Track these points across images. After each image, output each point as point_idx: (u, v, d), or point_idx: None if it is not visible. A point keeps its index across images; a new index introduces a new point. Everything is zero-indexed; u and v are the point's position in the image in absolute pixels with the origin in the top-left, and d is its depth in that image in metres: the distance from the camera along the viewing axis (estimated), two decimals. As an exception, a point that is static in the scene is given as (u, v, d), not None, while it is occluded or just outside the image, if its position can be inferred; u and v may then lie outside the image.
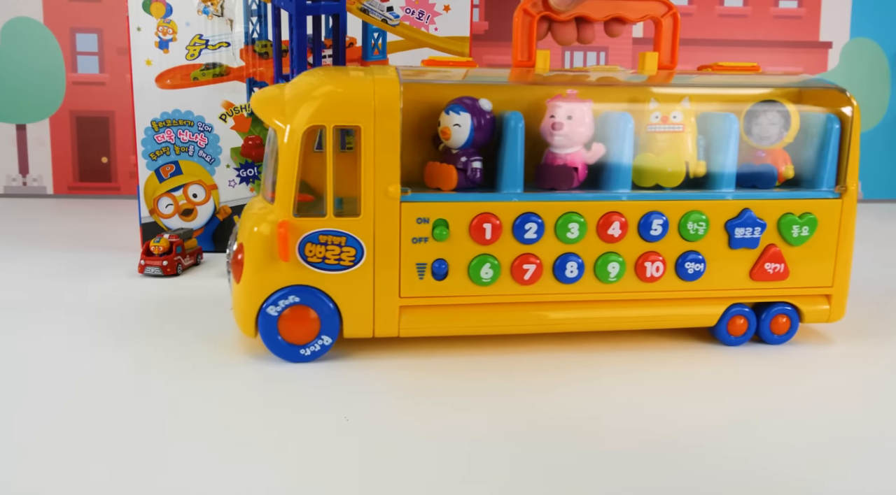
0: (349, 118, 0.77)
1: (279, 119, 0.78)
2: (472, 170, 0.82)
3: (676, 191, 0.84)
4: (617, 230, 0.83)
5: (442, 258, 0.81)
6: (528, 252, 0.82)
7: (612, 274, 0.84)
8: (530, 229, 0.81)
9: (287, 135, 0.77)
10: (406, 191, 0.79)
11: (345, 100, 0.78)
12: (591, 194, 0.83)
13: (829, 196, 0.86)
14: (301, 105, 0.78)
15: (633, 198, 0.83)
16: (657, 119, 0.84)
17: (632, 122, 0.82)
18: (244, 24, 1.24)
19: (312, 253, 0.78)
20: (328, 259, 0.79)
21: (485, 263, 0.82)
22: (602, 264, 0.84)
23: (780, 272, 0.86)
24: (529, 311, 0.84)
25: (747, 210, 0.84)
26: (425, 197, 0.80)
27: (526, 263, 0.82)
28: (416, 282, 0.81)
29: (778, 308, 0.88)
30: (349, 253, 0.79)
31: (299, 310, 0.80)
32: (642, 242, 0.84)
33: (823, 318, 0.89)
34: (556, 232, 0.82)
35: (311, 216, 0.78)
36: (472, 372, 0.80)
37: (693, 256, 0.85)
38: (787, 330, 0.88)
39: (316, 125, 0.77)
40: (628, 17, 0.89)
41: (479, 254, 0.82)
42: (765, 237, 0.85)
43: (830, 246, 0.87)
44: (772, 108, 0.86)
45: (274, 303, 0.79)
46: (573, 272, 0.83)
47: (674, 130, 0.83)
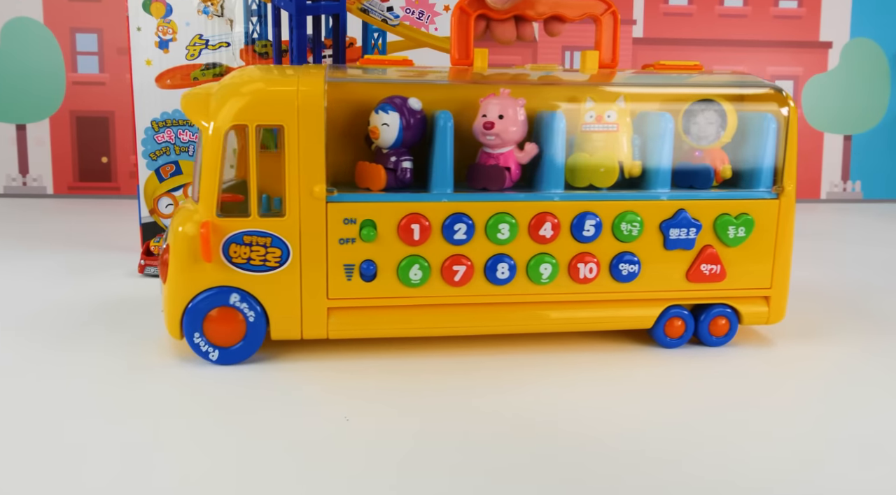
0: (272, 117, 0.77)
1: (203, 118, 0.78)
2: (401, 170, 0.81)
3: (610, 192, 0.83)
4: (549, 231, 0.82)
5: (370, 259, 0.81)
6: (459, 253, 0.82)
7: (545, 275, 0.83)
8: (460, 230, 0.81)
9: (210, 135, 0.77)
10: (332, 191, 0.79)
11: (268, 99, 0.77)
12: (522, 194, 0.82)
13: (766, 196, 0.85)
14: (224, 104, 0.77)
15: (565, 199, 0.82)
16: (591, 118, 0.83)
17: (564, 122, 0.81)
18: (244, 24, 1.24)
19: (237, 253, 0.78)
20: (253, 260, 0.79)
21: (414, 264, 0.81)
22: (534, 265, 0.83)
23: (716, 273, 0.85)
24: (460, 313, 0.83)
25: (682, 210, 0.83)
26: (352, 197, 0.80)
27: (456, 264, 0.82)
28: (344, 283, 0.81)
29: (716, 310, 0.86)
30: (274, 254, 0.79)
31: (224, 311, 0.79)
32: (575, 243, 0.83)
33: (762, 320, 0.88)
34: (486, 233, 0.81)
35: (235, 216, 0.78)
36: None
37: (628, 257, 0.84)
38: (726, 332, 0.87)
39: (239, 124, 0.77)
40: (567, 15, 0.88)
41: (408, 255, 0.81)
42: (701, 238, 0.84)
43: (768, 247, 0.86)
44: (709, 108, 0.85)
45: (198, 305, 0.79)
46: (505, 273, 0.82)
47: (608, 130, 0.82)
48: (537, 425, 0.69)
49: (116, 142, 1.93)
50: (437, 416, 0.70)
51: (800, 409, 0.74)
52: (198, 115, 0.79)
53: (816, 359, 0.86)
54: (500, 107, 0.82)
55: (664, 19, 2.00)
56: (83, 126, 1.92)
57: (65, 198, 1.93)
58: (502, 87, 0.83)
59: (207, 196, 0.78)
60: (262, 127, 0.77)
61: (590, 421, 0.70)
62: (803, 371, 0.83)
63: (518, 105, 0.82)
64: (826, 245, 1.48)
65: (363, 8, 1.24)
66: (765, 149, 0.85)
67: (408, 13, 1.28)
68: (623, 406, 0.73)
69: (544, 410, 0.72)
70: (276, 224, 0.78)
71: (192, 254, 0.78)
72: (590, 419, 0.70)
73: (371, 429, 0.68)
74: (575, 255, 0.83)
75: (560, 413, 0.71)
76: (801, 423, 0.70)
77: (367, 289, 0.81)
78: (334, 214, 0.79)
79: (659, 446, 0.65)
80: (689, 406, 0.74)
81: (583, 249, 0.83)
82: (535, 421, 0.70)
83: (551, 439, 0.66)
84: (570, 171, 0.84)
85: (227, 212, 0.79)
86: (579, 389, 0.77)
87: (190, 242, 0.78)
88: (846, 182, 2.06)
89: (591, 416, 0.71)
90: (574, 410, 0.72)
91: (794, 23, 2.02)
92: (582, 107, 0.85)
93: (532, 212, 0.82)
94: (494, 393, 0.76)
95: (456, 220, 0.81)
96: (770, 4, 2.00)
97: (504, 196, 0.81)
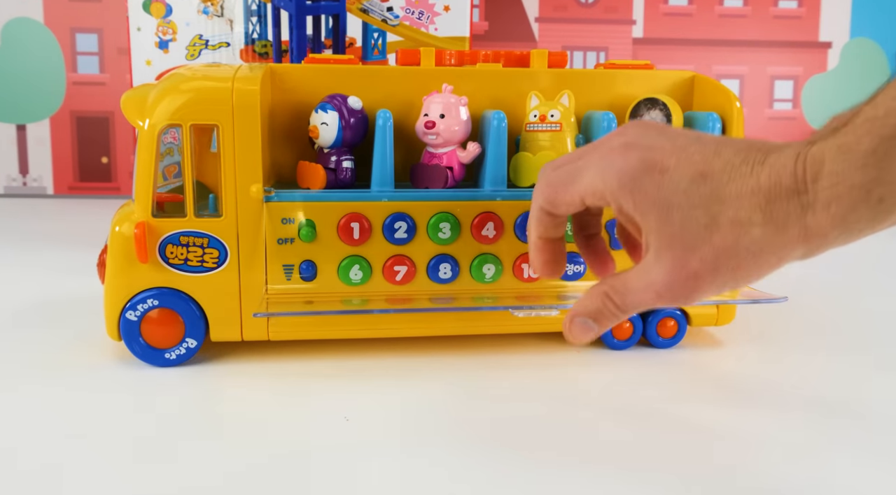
0: (206, 116, 0.77)
1: (139, 117, 0.78)
2: (342, 169, 0.81)
3: (554, 192, 0.82)
4: (492, 231, 0.81)
5: (310, 259, 0.80)
6: (400, 253, 0.81)
7: (488, 275, 0.82)
8: (400, 229, 0.80)
9: (145, 134, 0.76)
10: (269, 191, 0.78)
11: (202, 98, 0.77)
12: (463, 193, 0.81)
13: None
14: (159, 104, 0.77)
15: (507, 198, 0.81)
16: (535, 117, 0.82)
17: (506, 121, 0.80)
18: (244, 24, 1.25)
19: (174, 254, 0.78)
20: (190, 261, 0.78)
21: (354, 264, 0.80)
22: (477, 265, 0.82)
23: (663, 275, 0.84)
24: (403, 314, 0.82)
25: (626, 211, 0.82)
26: (290, 196, 0.79)
27: (398, 264, 0.81)
28: (284, 283, 0.80)
29: (664, 311, 0.85)
30: (212, 254, 0.78)
31: (162, 312, 0.79)
32: (519, 243, 0.82)
33: (711, 322, 0.87)
34: (428, 232, 0.80)
35: (171, 217, 0.77)
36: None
37: (572, 257, 0.83)
38: (674, 333, 0.86)
39: (173, 123, 0.76)
40: None
41: (348, 255, 0.80)
42: (647, 239, 0.83)
43: (716, 248, 0.84)
44: (654, 107, 0.84)
45: (135, 306, 0.78)
46: (447, 273, 0.82)
47: (551, 129, 0.81)
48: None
49: (116, 143, 1.94)
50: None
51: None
52: (134, 115, 0.78)
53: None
54: (442, 106, 0.81)
55: (664, 19, 1.99)
56: (83, 126, 1.93)
57: (65, 198, 1.94)
58: (445, 83, 0.83)
59: (143, 196, 0.77)
60: (196, 126, 0.76)
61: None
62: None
63: (461, 103, 0.81)
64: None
65: (363, 8, 1.24)
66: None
67: (408, 13, 1.28)
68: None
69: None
70: (213, 224, 0.78)
71: (128, 254, 0.78)
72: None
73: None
74: (519, 255, 0.82)
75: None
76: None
77: (307, 289, 0.80)
78: (272, 214, 0.79)
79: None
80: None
81: (526, 249, 0.82)
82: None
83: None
84: (514, 171, 0.83)
85: (171, 212, 0.78)
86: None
87: (126, 243, 0.78)
88: (846, 183, 2.04)
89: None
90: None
91: (794, 23, 2.00)
92: (526, 106, 0.84)
93: (474, 212, 0.81)
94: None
95: (396, 220, 0.80)
96: (770, 4, 1.99)
97: (444, 195, 0.81)
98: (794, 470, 0.61)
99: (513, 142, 0.85)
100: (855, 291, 1.13)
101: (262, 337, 0.81)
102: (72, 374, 0.78)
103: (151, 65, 1.26)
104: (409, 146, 0.85)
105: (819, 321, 0.98)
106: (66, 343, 0.86)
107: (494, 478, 0.59)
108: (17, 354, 0.83)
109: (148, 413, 0.70)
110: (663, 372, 0.81)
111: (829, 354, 0.86)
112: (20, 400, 0.72)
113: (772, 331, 0.93)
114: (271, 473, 0.60)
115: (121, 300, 0.79)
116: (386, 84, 0.86)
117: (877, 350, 0.88)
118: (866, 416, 0.71)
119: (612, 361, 0.83)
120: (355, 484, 0.58)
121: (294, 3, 1.04)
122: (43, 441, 0.64)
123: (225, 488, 0.58)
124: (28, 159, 1.92)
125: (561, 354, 0.85)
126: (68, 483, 0.58)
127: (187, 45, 1.25)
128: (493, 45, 1.94)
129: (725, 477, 0.60)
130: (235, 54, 1.25)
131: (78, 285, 1.10)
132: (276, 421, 0.68)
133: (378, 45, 1.30)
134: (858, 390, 0.77)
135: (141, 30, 1.24)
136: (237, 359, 0.82)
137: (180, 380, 0.77)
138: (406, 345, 0.86)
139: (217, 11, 1.25)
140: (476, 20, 1.94)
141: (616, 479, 0.59)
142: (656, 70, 0.89)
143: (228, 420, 0.69)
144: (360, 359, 0.82)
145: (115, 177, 1.94)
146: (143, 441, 0.65)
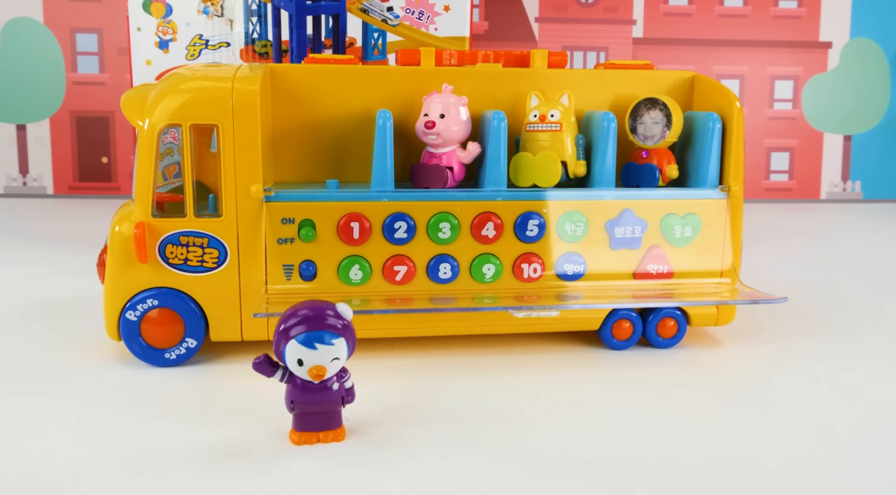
0: (206, 116, 0.77)
1: (139, 117, 0.77)
2: None
3: (554, 191, 0.82)
4: (492, 231, 0.81)
5: (310, 259, 0.80)
6: (400, 253, 0.81)
7: (488, 275, 0.82)
8: (400, 229, 0.80)
9: (144, 134, 0.76)
10: (269, 190, 0.78)
11: (202, 98, 0.77)
12: (464, 193, 0.81)
13: (713, 196, 0.84)
14: (158, 104, 0.77)
15: (508, 199, 0.81)
16: (535, 117, 0.82)
17: (506, 121, 0.80)
18: (244, 24, 1.24)
19: (174, 254, 0.78)
20: (190, 261, 0.78)
21: (354, 264, 0.80)
22: (477, 265, 0.82)
23: (663, 274, 0.84)
24: (403, 314, 0.82)
25: (627, 210, 0.82)
26: (290, 196, 0.79)
27: (398, 264, 0.81)
28: (284, 283, 0.80)
29: (665, 311, 0.85)
30: (212, 254, 0.78)
31: (162, 312, 0.79)
32: (519, 243, 0.82)
33: (711, 322, 0.86)
34: (427, 232, 0.80)
35: (171, 217, 0.77)
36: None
37: (571, 257, 0.83)
38: (674, 333, 0.85)
39: (173, 123, 0.76)
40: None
41: (348, 254, 0.80)
42: (647, 238, 0.83)
43: (717, 247, 0.84)
44: (654, 107, 0.84)
45: (135, 306, 0.78)
46: (447, 273, 0.81)
47: (551, 129, 0.81)
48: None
49: (116, 142, 1.94)
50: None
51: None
52: (134, 115, 0.78)
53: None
54: (442, 106, 0.81)
55: (664, 19, 1.98)
56: (83, 126, 1.93)
57: (65, 198, 1.94)
58: (445, 83, 0.83)
59: (142, 196, 0.77)
60: (196, 126, 0.76)
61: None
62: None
63: (461, 103, 0.81)
64: (825, 243, 1.46)
65: (363, 8, 1.24)
66: (710, 149, 0.83)
67: (408, 13, 1.28)
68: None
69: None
70: (213, 224, 0.78)
71: (128, 254, 0.78)
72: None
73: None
74: (519, 255, 0.82)
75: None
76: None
77: (308, 289, 0.80)
78: (272, 214, 0.79)
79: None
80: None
81: (527, 249, 0.82)
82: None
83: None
84: (514, 171, 0.83)
85: (171, 212, 0.78)
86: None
87: (126, 243, 0.78)
88: (846, 182, 2.04)
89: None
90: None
91: (794, 23, 2.00)
92: (527, 105, 0.84)
93: (474, 212, 0.81)
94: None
95: (396, 220, 0.80)
96: (770, 4, 1.99)
97: (444, 195, 0.81)
98: (795, 469, 0.61)
99: (513, 143, 0.85)
100: (855, 291, 1.12)
101: (262, 337, 0.81)
102: (72, 374, 0.78)
103: (151, 65, 1.26)
104: (409, 146, 0.85)
105: (819, 321, 0.98)
106: (65, 343, 0.86)
107: (494, 478, 0.59)
108: (17, 354, 0.83)
109: (148, 413, 0.70)
110: (663, 372, 0.80)
111: (830, 354, 0.86)
112: (20, 401, 0.72)
113: (771, 332, 0.93)
114: (271, 473, 0.59)
115: (121, 300, 0.79)
116: (386, 84, 0.86)
117: (877, 350, 0.87)
118: (866, 416, 0.71)
119: (612, 361, 0.83)
120: (355, 484, 0.58)
121: (294, 3, 1.04)
122: (43, 441, 0.64)
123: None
124: (28, 159, 1.92)
125: (561, 354, 0.85)
126: (68, 483, 0.58)
127: (187, 45, 1.25)
128: (493, 45, 1.94)
129: (725, 477, 0.60)
130: (235, 54, 1.25)
131: (78, 285, 1.09)
132: (276, 421, 0.68)
133: (378, 45, 1.30)
134: (858, 390, 0.77)
135: (141, 30, 1.24)
136: (237, 359, 0.82)
137: (180, 380, 0.77)
138: (406, 345, 0.86)
139: (217, 11, 1.25)
140: (476, 20, 1.94)
141: (616, 479, 0.59)
142: (656, 70, 0.89)
143: (228, 420, 0.69)
144: (360, 359, 0.81)
145: (115, 177, 1.94)
146: (143, 441, 0.65)
